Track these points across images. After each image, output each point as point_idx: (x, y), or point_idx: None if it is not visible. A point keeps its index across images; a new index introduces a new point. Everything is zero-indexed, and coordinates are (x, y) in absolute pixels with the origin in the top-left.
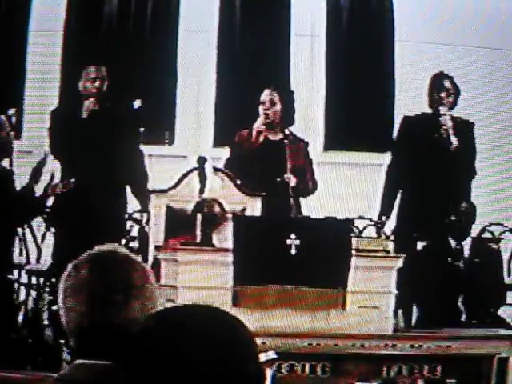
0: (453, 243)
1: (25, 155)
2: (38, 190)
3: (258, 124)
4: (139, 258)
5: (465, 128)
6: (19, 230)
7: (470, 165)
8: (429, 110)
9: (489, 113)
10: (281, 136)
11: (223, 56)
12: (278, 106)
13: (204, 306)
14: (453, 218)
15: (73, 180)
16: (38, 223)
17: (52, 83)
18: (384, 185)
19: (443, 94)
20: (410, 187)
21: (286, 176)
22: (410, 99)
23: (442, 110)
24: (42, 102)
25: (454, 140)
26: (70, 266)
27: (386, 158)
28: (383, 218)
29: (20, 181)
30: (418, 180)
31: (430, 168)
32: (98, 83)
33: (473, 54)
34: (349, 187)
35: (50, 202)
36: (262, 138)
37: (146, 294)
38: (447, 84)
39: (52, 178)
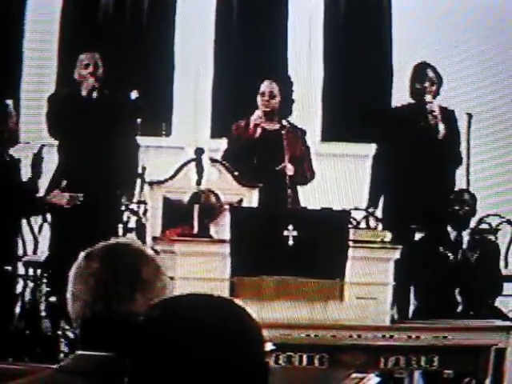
0: (452, 234)
1: (22, 146)
2: (41, 185)
3: (256, 116)
4: (153, 254)
5: (448, 115)
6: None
7: (456, 152)
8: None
9: (488, 106)
10: (278, 126)
11: (221, 47)
12: (278, 97)
13: (210, 295)
14: (456, 207)
15: (81, 195)
16: None
17: (49, 74)
18: (371, 176)
19: (427, 84)
20: (401, 178)
21: (283, 165)
22: (407, 89)
23: (428, 98)
24: (39, 92)
25: (441, 127)
26: (81, 255)
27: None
28: (371, 209)
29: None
30: (409, 170)
31: (420, 157)
32: (91, 68)
33: (472, 45)
34: (346, 178)
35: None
36: (259, 131)
37: (153, 290)
38: (430, 74)
39: (60, 184)
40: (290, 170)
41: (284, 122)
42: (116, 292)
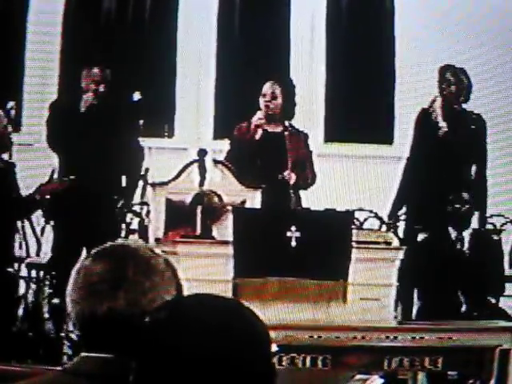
0: (453, 233)
1: (25, 148)
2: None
3: (257, 117)
4: (151, 255)
5: (462, 118)
6: (19, 223)
7: (470, 152)
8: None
9: (491, 106)
10: (281, 128)
11: (223, 48)
12: (279, 99)
13: (217, 296)
14: (457, 206)
15: (71, 177)
16: (37, 216)
17: (51, 75)
18: (400, 183)
19: (444, 85)
20: (410, 178)
21: (285, 173)
22: (410, 91)
23: (437, 99)
24: (42, 94)
25: (443, 125)
26: (83, 256)
27: (386, 150)
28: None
29: (21, 174)
30: (418, 170)
31: (426, 157)
32: (101, 87)
33: (476, 46)
34: (349, 179)
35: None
36: (260, 132)
37: (139, 290)
38: (448, 75)
39: (52, 174)
40: (292, 178)
41: (287, 125)
42: (99, 291)
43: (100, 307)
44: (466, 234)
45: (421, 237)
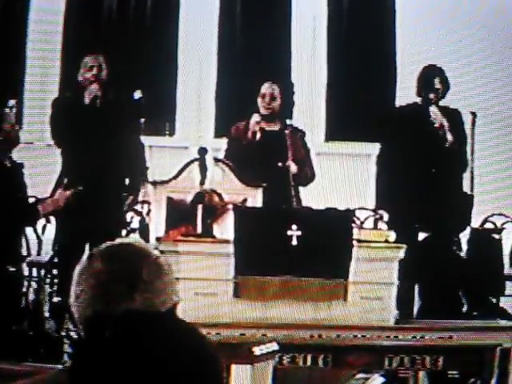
0: (455, 233)
1: (25, 146)
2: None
3: (254, 121)
4: (157, 254)
5: (454, 117)
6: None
7: (462, 154)
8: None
9: (490, 103)
10: (280, 127)
11: (224, 47)
12: (278, 100)
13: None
14: (457, 205)
15: (80, 188)
16: None
17: (52, 74)
18: (376, 177)
19: (432, 96)
20: (407, 178)
21: (287, 163)
22: (411, 89)
23: (432, 107)
24: (43, 93)
25: (446, 132)
26: (85, 256)
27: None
28: (380, 211)
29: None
30: (413, 170)
31: (426, 160)
32: (95, 70)
33: (475, 43)
34: (350, 178)
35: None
36: (258, 135)
37: (153, 290)
38: (437, 84)
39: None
40: (293, 168)
41: (287, 123)
42: (115, 292)
43: (117, 307)
44: (467, 234)
45: (421, 236)
